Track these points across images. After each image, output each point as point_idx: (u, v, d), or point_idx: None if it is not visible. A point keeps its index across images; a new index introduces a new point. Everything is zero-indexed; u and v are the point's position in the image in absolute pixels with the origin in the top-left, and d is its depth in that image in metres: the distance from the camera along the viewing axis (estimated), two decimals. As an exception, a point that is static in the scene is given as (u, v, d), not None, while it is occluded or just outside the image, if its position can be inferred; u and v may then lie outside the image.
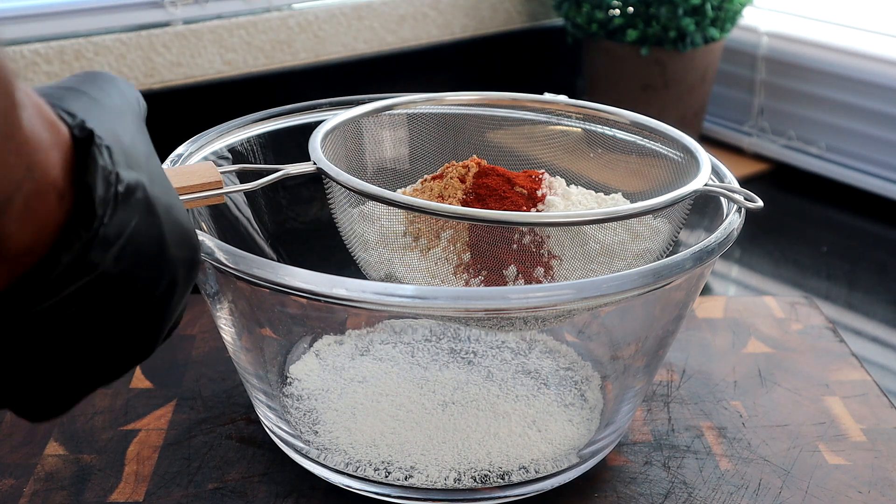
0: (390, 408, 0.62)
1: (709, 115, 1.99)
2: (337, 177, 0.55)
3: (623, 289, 0.49)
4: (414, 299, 0.48)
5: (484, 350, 0.69)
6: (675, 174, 0.62)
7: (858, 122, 1.78)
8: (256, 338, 0.61)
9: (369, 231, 0.58)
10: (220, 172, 0.51)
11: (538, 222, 0.53)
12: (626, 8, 1.76)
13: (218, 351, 0.73)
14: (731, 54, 1.92)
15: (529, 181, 0.60)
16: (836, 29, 1.81)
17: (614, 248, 0.56)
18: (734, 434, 0.66)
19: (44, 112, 0.31)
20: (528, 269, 0.55)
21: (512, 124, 0.69)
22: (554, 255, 0.56)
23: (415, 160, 0.67)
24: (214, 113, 0.77)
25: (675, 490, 0.60)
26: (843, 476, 0.62)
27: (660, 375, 0.71)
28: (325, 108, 0.69)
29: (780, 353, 0.75)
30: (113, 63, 1.42)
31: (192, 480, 0.60)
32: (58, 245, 0.31)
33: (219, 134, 0.65)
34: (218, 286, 0.57)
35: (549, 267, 0.56)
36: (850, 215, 1.76)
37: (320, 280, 0.48)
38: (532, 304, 0.48)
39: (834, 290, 1.50)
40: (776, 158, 1.91)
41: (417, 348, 0.69)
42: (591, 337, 0.70)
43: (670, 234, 0.59)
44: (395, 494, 0.58)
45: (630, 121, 0.65)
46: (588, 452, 0.60)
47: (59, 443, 0.63)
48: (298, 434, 0.61)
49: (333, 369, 0.67)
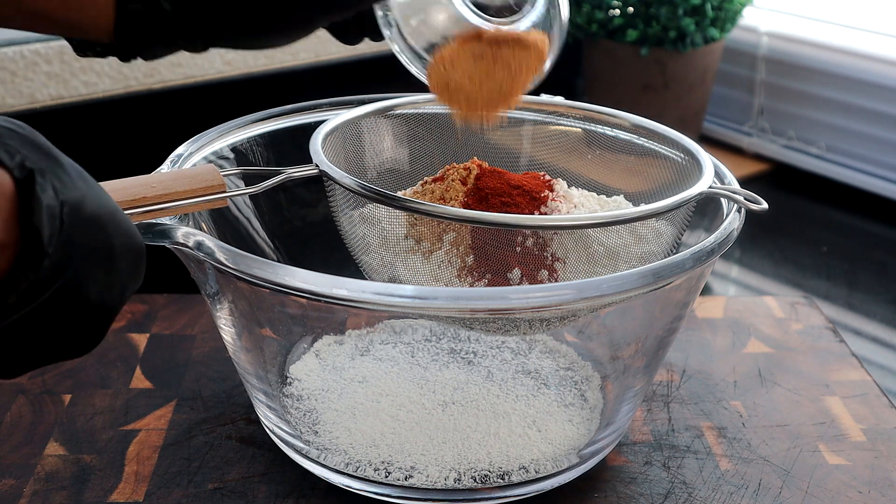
0: (390, 408, 0.62)
1: (709, 115, 1.99)
2: (341, 180, 0.55)
3: (623, 289, 0.49)
4: (414, 299, 0.48)
5: (484, 350, 0.69)
6: (677, 175, 0.62)
7: (858, 122, 1.78)
8: (256, 338, 0.61)
9: (371, 234, 0.58)
10: (223, 176, 0.51)
11: (544, 225, 0.53)
12: (626, 8, 1.76)
13: (218, 351, 0.73)
14: (731, 54, 1.92)
15: (532, 183, 0.60)
16: (836, 29, 1.81)
17: (618, 251, 0.56)
18: (734, 434, 0.66)
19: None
20: (533, 271, 0.55)
21: (512, 124, 0.69)
22: (557, 257, 0.56)
23: (415, 161, 0.67)
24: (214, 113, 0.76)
25: (675, 490, 0.60)
26: (843, 476, 0.62)
27: (660, 375, 0.71)
28: (325, 108, 0.69)
29: (780, 353, 0.75)
30: (113, 63, 1.42)
31: (192, 480, 0.60)
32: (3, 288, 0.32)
33: (219, 134, 0.65)
34: (218, 286, 0.57)
35: (554, 270, 0.55)
36: (850, 215, 1.76)
37: (320, 280, 0.48)
38: (532, 305, 0.48)
39: (834, 290, 1.50)
40: (776, 158, 1.91)
41: (417, 348, 0.69)
42: (591, 337, 0.70)
43: (674, 236, 0.59)
44: (395, 494, 0.58)
45: (631, 123, 0.65)
46: (588, 452, 0.60)
47: (59, 443, 0.63)
48: (298, 434, 0.61)
49: (333, 369, 0.67)
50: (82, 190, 0.34)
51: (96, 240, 0.34)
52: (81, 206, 0.34)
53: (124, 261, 0.36)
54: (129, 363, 0.72)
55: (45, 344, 0.34)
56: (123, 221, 0.36)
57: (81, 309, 0.34)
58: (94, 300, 0.35)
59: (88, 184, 0.35)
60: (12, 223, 0.32)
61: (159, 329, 0.76)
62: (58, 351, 0.35)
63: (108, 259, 0.35)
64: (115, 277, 0.35)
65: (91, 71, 1.40)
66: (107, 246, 0.35)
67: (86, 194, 0.34)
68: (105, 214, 0.35)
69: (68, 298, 0.34)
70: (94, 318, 0.35)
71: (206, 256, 0.50)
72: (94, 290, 0.34)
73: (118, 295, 0.36)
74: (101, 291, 0.35)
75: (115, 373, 0.70)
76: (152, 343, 0.74)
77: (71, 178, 0.34)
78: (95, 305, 0.35)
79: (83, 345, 0.36)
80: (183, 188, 0.50)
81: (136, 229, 0.37)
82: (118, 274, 0.36)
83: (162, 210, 0.49)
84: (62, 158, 0.35)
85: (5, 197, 0.32)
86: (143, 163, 0.62)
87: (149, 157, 0.67)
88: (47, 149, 0.34)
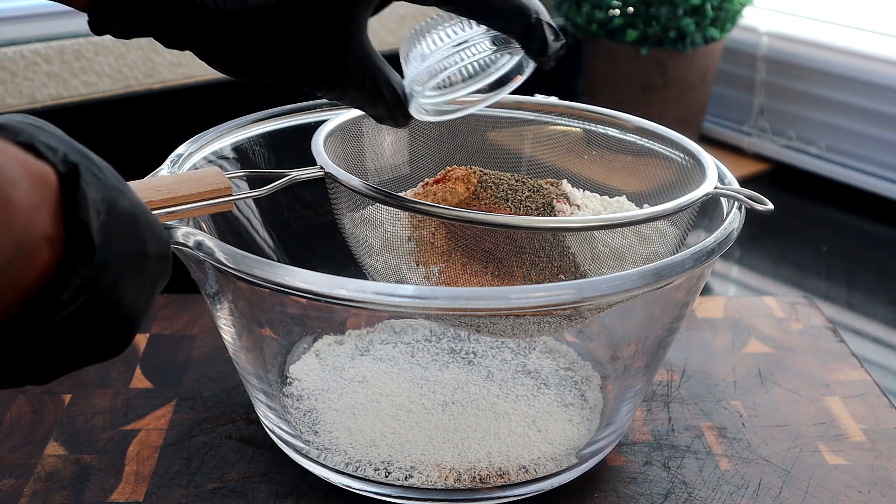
0: (390, 408, 0.62)
1: (709, 115, 1.99)
2: (347, 181, 0.54)
3: (623, 289, 0.49)
4: (414, 299, 0.48)
5: (484, 350, 0.69)
6: (678, 175, 0.62)
7: (858, 122, 1.78)
8: (256, 338, 0.61)
9: (373, 235, 0.58)
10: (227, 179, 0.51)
11: (551, 227, 0.53)
12: (626, 8, 1.76)
13: (218, 351, 0.73)
14: (731, 54, 1.92)
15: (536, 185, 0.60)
16: (836, 29, 1.81)
17: (624, 253, 0.56)
18: (734, 434, 0.66)
19: (24, 163, 0.31)
20: (540, 272, 0.55)
21: (512, 125, 0.69)
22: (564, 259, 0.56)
23: (415, 160, 0.67)
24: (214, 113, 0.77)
25: (675, 490, 0.60)
26: (843, 476, 0.62)
27: (660, 375, 0.71)
28: (326, 108, 0.69)
29: (780, 353, 0.75)
30: (113, 63, 1.42)
31: (192, 480, 0.60)
32: (54, 284, 0.32)
33: (219, 134, 0.65)
34: (218, 286, 0.57)
35: (561, 270, 0.55)
36: (850, 215, 1.76)
37: (321, 280, 0.48)
38: (532, 304, 0.48)
39: (834, 290, 1.50)
40: (776, 158, 1.91)
41: (417, 348, 0.69)
42: (591, 337, 0.70)
43: (678, 237, 0.59)
44: (395, 494, 0.58)
45: (633, 125, 0.65)
46: (588, 452, 0.60)
47: (59, 443, 0.63)
48: (298, 434, 0.61)
49: (333, 369, 0.67)
50: (118, 187, 0.34)
51: (132, 238, 0.34)
52: (118, 203, 0.34)
53: (154, 260, 0.36)
54: (129, 363, 0.72)
55: (79, 348, 0.34)
56: (154, 220, 0.36)
57: (116, 311, 0.34)
58: (128, 302, 0.34)
59: (120, 181, 0.35)
60: (59, 217, 0.32)
61: (159, 329, 0.76)
62: (89, 354, 0.35)
63: (142, 258, 0.35)
64: (146, 278, 0.35)
65: (91, 71, 1.40)
66: (140, 244, 0.35)
67: (122, 191, 0.34)
68: (139, 212, 0.35)
69: (105, 301, 0.33)
70: (126, 322, 0.35)
71: (206, 256, 0.50)
72: (129, 292, 0.34)
73: (148, 295, 0.36)
74: (135, 293, 0.35)
75: (115, 373, 0.70)
76: (152, 343, 0.74)
77: (106, 175, 0.34)
78: (128, 308, 0.34)
79: (113, 348, 0.35)
80: (189, 192, 0.49)
81: (164, 228, 0.37)
82: (148, 275, 0.35)
83: (168, 214, 0.49)
84: (93, 156, 0.35)
85: (52, 191, 0.32)
86: (143, 163, 0.62)
87: (149, 158, 0.67)
88: (77, 146, 0.34)
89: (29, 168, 0.31)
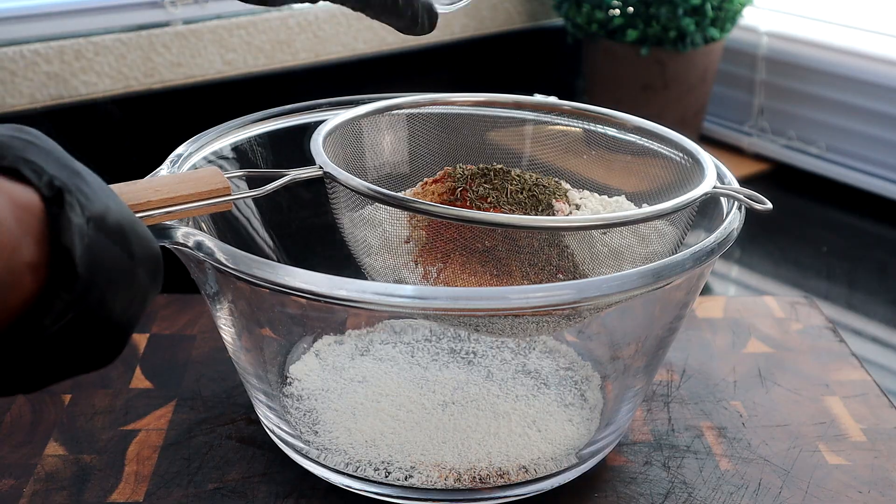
0: (390, 408, 0.62)
1: (709, 115, 1.99)
2: (346, 181, 0.54)
3: (623, 289, 0.49)
4: (413, 299, 0.48)
5: (484, 350, 0.69)
6: (677, 174, 0.62)
7: (858, 122, 1.78)
8: (256, 338, 0.61)
9: (372, 235, 0.58)
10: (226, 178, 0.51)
11: (550, 226, 0.53)
12: (626, 8, 1.76)
13: (218, 351, 0.73)
14: (731, 54, 1.92)
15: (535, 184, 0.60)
16: (836, 29, 1.81)
17: (623, 252, 0.56)
18: (734, 434, 0.66)
19: (9, 193, 0.31)
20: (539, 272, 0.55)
21: (512, 124, 0.69)
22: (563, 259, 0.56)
23: (415, 160, 0.67)
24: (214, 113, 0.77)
25: (675, 490, 0.60)
26: (843, 476, 0.62)
27: (660, 375, 0.71)
28: (325, 108, 0.69)
29: (780, 352, 0.75)
30: (113, 63, 1.42)
31: (192, 480, 0.60)
32: (37, 309, 0.32)
33: (219, 134, 0.65)
34: (218, 286, 0.57)
35: (560, 270, 0.55)
36: (850, 215, 1.76)
37: (320, 280, 0.48)
38: (532, 304, 0.48)
39: (834, 290, 1.50)
40: (776, 158, 1.91)
41: (417, 348, 0.69)
42: (591, 337, 0.70)
43: (677, 237, 0.59)
44: (395, 494, 0.58)
45: (632, 125, 0.65)
46: (588, 452, 0.60)
47: (59, 443, 0.63)
48: (298, 434, 0.61)
49: (333, 369, 0.67)
50: (105, 202, 0.34)
51: (119, 253, 0.34)
52: (105, 219, 0.34)
53: (144, 271, 0.36)
54: (129, 363, 0.72)
55: (67, 360, 0.34)
56: (142, 230, 0.36)
57: (104, 325, 0.34)
58: (117, 315, 0.34)
59: (108, 194, 0.35)
60: (43, 243, 0.32)
61: (159, 329, 0.76)
62: (79, 365, 0.35)
63: (130, 272, 0.35)
64: (136, 290, 0.35)
65: (91, 71, 1.40)
66: (128, 258, 0.35)
67: (109, 206, 0.34)
68: (126, 225, 0.35)
69: (93, 316, 0.33)
70: (116, 333, 0.35)
71: (206, 256, 0.50)
72: (117, 306, 0.34)
73: (139, 306, 0.36)
74: (124, 306, 0.35)
75: (115, 373, 0.70)
76: (152, 343, 0.74)
77: (93, 190, 0.34)
78: (117, 320, 0.35)
79: (103, 359, 0.36)
80: (188, 192, 0.49)
81: (153, 237, 0.37)
82: (138, 286, 0.35)
83: (167, 214, 0.49)
84: (82, 170, 0.34)
85: (35, 217, 0.32)
86: (143, 163, 0.62)
87: (149, 158, 0.67)
88: (67, 161, 0.34)
89: (13, 199, 0.31)
